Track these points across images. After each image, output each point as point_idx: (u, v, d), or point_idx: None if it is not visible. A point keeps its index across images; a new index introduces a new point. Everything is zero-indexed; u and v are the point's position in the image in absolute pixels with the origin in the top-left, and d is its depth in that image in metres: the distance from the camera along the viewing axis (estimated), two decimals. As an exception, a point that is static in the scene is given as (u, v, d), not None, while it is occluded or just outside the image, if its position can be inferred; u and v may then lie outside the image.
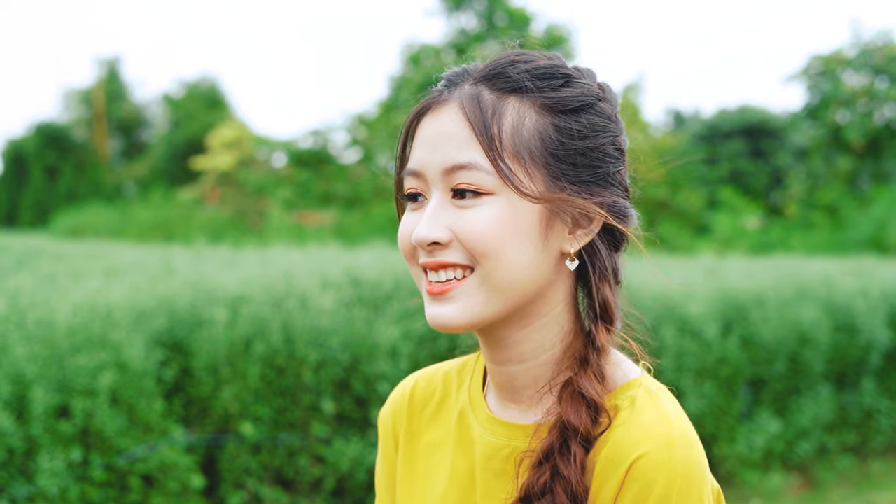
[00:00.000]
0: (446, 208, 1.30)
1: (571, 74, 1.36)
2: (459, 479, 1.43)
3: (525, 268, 1.29)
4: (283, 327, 5.89)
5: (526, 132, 1.30)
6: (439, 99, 1.35)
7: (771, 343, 8.03)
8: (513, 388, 1.40)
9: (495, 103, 1.31)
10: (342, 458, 5.85)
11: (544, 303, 1.35)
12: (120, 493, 5.19)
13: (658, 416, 1.27)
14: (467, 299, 1.30)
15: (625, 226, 1.37)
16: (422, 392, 1.55)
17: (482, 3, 27.00)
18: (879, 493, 8.19)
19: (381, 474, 1.59)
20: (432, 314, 1.33)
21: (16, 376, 4.94)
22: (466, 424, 1.46)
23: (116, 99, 55.79)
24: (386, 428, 1.58)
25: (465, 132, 1.30)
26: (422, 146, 1.34)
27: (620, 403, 1.30)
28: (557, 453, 1.27)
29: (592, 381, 1.30)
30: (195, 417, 5.81)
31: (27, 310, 5.43)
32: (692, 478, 1.23)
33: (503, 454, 1.38)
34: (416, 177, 1.35)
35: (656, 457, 1.22)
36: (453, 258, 1.30)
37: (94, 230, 28.23)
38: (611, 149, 1.36)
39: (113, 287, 6.44)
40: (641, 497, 1.22)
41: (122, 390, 5.28)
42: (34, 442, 4.88)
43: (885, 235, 17.85)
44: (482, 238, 1.27)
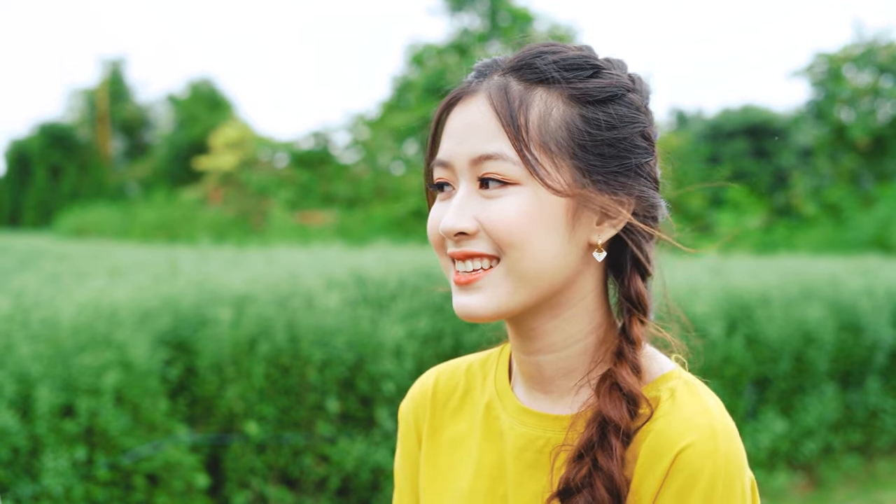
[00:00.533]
0: (473, 198, 1.30)
1: (600, 65, 1.35)
2: (487, 470, 1.43)
3: (551, 258, 1.29)
4: (288, 326, 5.89)
5: (553, 123, 1.29)
6: (468, 90, 1.36)
7: (776, 342, 8.03)
8: (543, 379, 1.40)
9: (522, 94, 1.31)
10: (347, 458, 5.86)
11: (573, 293, 1.35)
12: (124, 492, 5.19)
13: (700, 408, 1.27)
14: (493, 289, 1.30)
15: (654, 217, 1.37)
16: (444, 386, 1.55)
17: (485, 2, 27.03)
18: (885, 492, 8.19)
19: (402, 467, 1.59)
20: (459, 304, 1.33)
21: (20, 375, 4.94)
22: (494, 416, 1.45)
23: (120, 99, 55.88)
24: (407, 422, 1.59)
25: (492, 123, 1.30)
26: (450, 137, 1.34)
27: (660, 395, 1.30)
28: (597, 447, 1.27)
29: (630, 375, 1.30)
30: (200, 417, 5.82)
31: (32, 309, 5.44)
32: (735, 469, 1.24)
33: (537, 445, 1.37)
34: (444, 167, 1.35)
35: (702, 447, 1.23)
36: (479, 248, 1.30)
37: (98, 230, 28.32)
38: (639, 140, 1.35)
39: (117, 286, 6.45)
40: (687, 487, 1.22)
41: (126, 389, 5.28)
42: (39, 441, 4.88)
43: (888, 235, 17.85)
44: (508, 229, 1.27)
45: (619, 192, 1.32)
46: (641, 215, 1.36)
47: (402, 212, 23.04)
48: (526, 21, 26.77)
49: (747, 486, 1.27)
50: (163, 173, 47.99)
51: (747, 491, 1.27)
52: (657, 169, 1.40)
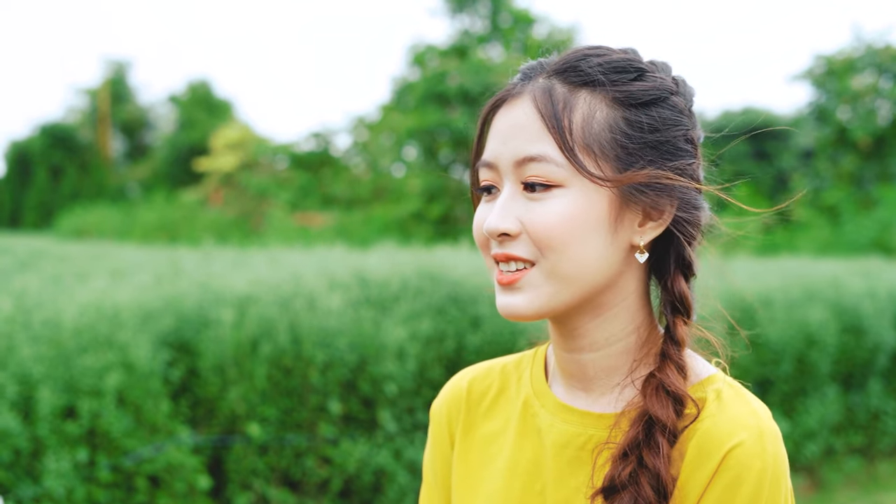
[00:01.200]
0: (517, 200, 1.32)
1: (644, 68, 1.37)
2: (524, 466, 1.44)
3: (593, 260, 1.31)
4: (291, 328, 5.89)
5: (596, 125, 1.31)
6: (514, 91, 1.37)
7: (778, 344, 8.04)
8: (584, 377, 1.42)
9: (566, 96, 1.32)
10: (349, 459, 5.86)
11: (615, 293, 1.37)
12: (126, 494, 5.19)
13: (748, 410, 1.31)
14: (534, 290, 1.31)
15: (697, 219, 1.39)
16: (479, 385, 1.57)
17: (486, 4, 27.05)
18: (887, 494, 8.20)
19: (432, 464, 1.60)
20: (502, 303, 1.35)
21: (22, 377, 4.93)
22: (531, 413, 1.47)
23: (122, 101, 55.94)
24: (440, 422, 1.59)
25: (536, 124, 1.31)
26: (495, 138, 1.36)
27: (706, 396, 1.33)
28: (643, 446, 1.29)
29: (676, 375, 1.33)
30: (202, 418, 5.82)
31: (33, 310, 5.44)
32: (780, 472, 1.28)
33: (578, 442, 1.39)
34: (489, 168, 1.37)
35: (750, 447, 1.26)
36: (519, 252, 1.31)
37: (98, 231, 28.38)
38: (682, 142, 1.38)
39: (119, 287, 6.46)
40: (734, 486, 1.25)
41: (128, 391, 5.28)
42: (40, 442, 4.88)
43: (889, 238, 17.86)
44: (549, 231, 1.29)
45: (662, 194, 1.34)
46: (684, 217, 1.37)
47: (402, 213, 23.08)
48: (527, 22, 26.79)
49: (790, 492, 1.31)
50: (163, 175, 48.06)
51: (790, 498, 1.31)
52: (701, 171, 1.43)
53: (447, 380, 1.64)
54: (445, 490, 1.57)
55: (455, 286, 6.63)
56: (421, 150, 25.13)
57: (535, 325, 6.35)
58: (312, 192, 26.48)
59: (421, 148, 25.03)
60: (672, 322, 1.37)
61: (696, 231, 1.41)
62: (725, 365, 1.43)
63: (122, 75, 57.11)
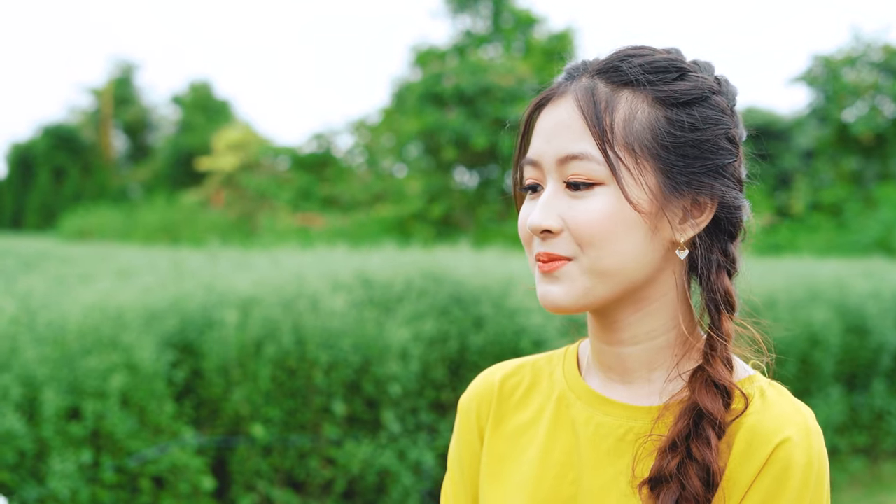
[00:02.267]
0: (560, 198, 1.34)
1: (687, 68, 1.39)
2: (557, 456, 1.46)
3: (634, 257, 1.34)
4: (294, 329, 5.91)
5: (637, 124, 1.34)
6: (558, 91, 1.40)
7: (781, 344, 8.05)
8: (624, 370, 1.44)
9: (609, 96, 1.35)
10: (353, 460, 5.87)
11: (655, 289, 1.39)
12: (131, 495, 5.21)
13: (793, 408, 1.34)
14: (572, 283, 1.34)
15: (738, 217, 1.42)
16: (510, 381, 1.58)
17: (488, 4, 27.08)
18: (890, 494, 8.23)
19: (458, 457, 1.61)
20: (542, 293, 1.37)
21: (27, 378, 4.95)
22: (566, 405, 1.49)
23: (126, 102, 55.99)
24: (469, 416, 1.60)
25: (578, 123, 1.34)
26: (539, 136, 1.39)
27: (751, 392, 1.35)
28: (694, 437, 1.31)
29: (724, 369, 1.35)
30: (206, 419, 5.83)
31: (38, 312, 5.46)
32: (824, 468, 1.31)
33: (618, 433, 1.41)
34: (533, 166, 1.40)
35: (799, 443, 1.29)
36: (560, 250, 1.34)
37: (101, 233, 28.45)
38: (723, 141, 1.40)
39: (123, 289, 6.47)
40: (782, 479, 1.28)
41: (132, 392, 5.30)
42: (45, 444, 4.89)
43: (892, 238, 17.89)
44: (591, 229, 1.31)
45: (702, 192, 1.37)
46: (725, 215, 1.40)
47: (403, 214, 23.12)
48: (528, 23, 26.83)
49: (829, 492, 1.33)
50: (164, 176, 48.13)
51: (829, 497, 1.33)
52: (742, 170, 1.46)
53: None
54: (472, 485, 1.58)
55: (458, 287, 6.65)
56: (422, 150, 25.18)
57: (537, 327, 6.37)
58: (313, 194, 26.54)
59: (422, 148, 25.07)
60: (717, 318, 1.39)
61: (738, 228, 1.44)
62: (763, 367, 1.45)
63: (130, 76, 57.20)
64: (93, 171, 48.96)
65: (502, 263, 7.78)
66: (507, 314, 6.44)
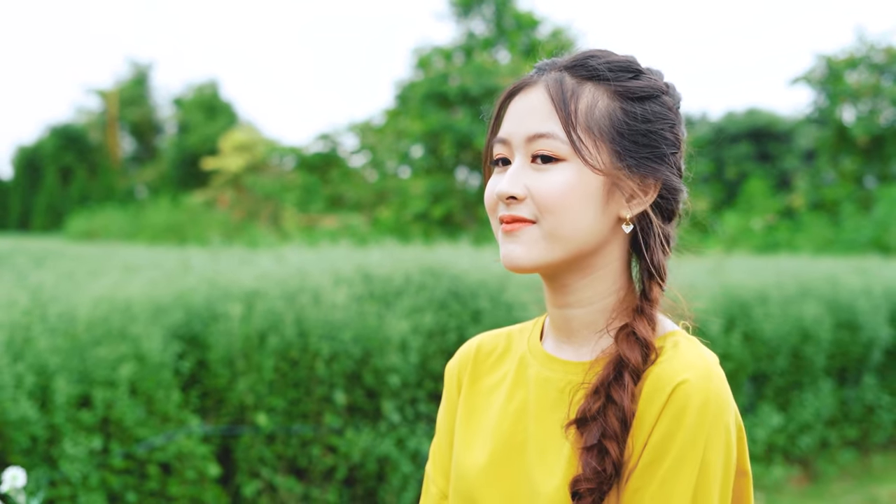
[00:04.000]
0: (526, 170, 1.54)
1: (641, 70, 1.61)
2: (513, 411, 1.66)
3: (585, 226, 1.53)
4: (297, 321, 6.03)
5: (598, 112, 1.54)
6: (529, 82, 1.61)
7: (773, 339, 8.17)
8: (569, 330, 1.64)
9: (574, 86, 1.56)
10: (354, 448, 6.00)
11: (601, 257, 1.59)
12: (139, 480, 5.35)
13: (698, 354, 1.51)
14: (532, 245, 1.53)
15: (676, 200, 1.62)
16: (487, 346, 1.80)
17: (490, 7, 27.10)
18: (880, 486, 8.32)
19: (443, 416, 1.82)
20: (504, 253, 1.56)
21: (39, 367, 5.10)
22: (525, 366, 1.69)
23: (134, 104, 55.91)
24: (451, 377, 1.83)
25: (547, 107, 1.54)
26: (511, 119, 1.60)
27: (665, 345, 1.54)
28: (613, 383, 1.50)
29: (646, 326, 1.54)
30: (211, 408, 5.96)
31: (49, 304, 5.58)
32: (723, 405, 1.46)
33: (558, 386, 1.60)
34: (503, 144, 1.59)
35: (695, 383, 1.45)
36: (523, 213, 1.54)
37: (107, 233, 28.46)
38: (668, 134, 1.60)
39: (130, 283, 6.59)
40: (680, 415, 1.44)
41: (140, 381, 5.44)
42: (57, 430, 5.04)
43: (887, 236, 17.92)
44: (551, 197, 1.51)
45: (648, 175, 1.57)
46: (665, 198, 1.60)
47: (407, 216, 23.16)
48: (531, 25, 26.84)
49: (732, 426, 1.48)
50: (169, 178, 48.12)
51: (732, 430, 1.48)
52: (682, 162, 1.65)
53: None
54: (452, 436, 1.79)
55: (456, 281, 6.78)
56: (425, 151, 25.20)
57: (531, 315, 6.50)
58: (318, 194, 26.57)
59: (425, 149, 25.09)
60: (648, 285, 1.59)
61: (675, 211, 1.64)
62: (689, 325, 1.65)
63: (145, 76, 57.12)
64: (99, 172, 48.93)
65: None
66: (504, 308, 6.57)
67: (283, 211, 27.88)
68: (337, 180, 26.91)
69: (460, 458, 1.71)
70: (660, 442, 1.45)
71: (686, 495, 1.43)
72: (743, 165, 38.68)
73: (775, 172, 37.54)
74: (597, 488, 1.46)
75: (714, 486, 1.44)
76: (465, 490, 1.67)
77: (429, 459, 1.83)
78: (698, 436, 1.43)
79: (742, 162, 38.98)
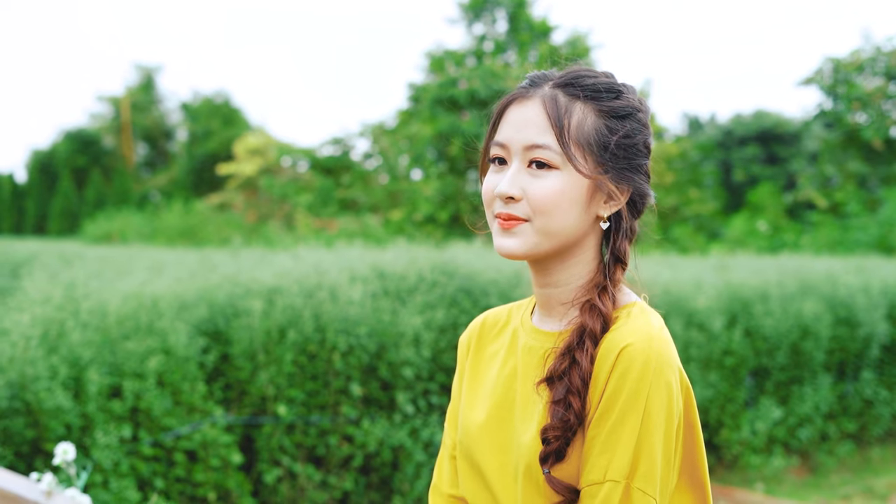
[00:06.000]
0: (522, 174, 1.82)
1: (622, 90, 1.89)
2: (506, 373, 1.96)
3: (571, 223, 1.82)
4: (315, 317, 6.26)
5: (587, 128, 1.82)
6: (525, 94, 1.88)
7: (773, 335, 8.38)
8: (549, 306, 1.92)
9: (567, 104, 1.83)
10: (369, 438, 6.22)
11: (580, 248, 1.87)
12: (166, 467, 5.58)
13: (645, 322, 1.79)
14: (525, 238, 1.82)
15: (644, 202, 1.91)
16: (491, 320, 2.11)
17: (504, 13, 27.14)
18: (878, 478, 8.52)
19: (456, 384, 2.14)
20: (499, 244, 1.84)
21: (73, 359, 5.35)
22: (517, 337, 1.99)
23: (147, 108, 56.05)
24: (463, 347, 2.14)
25: (544, 122, 1.82)
26: (509, 126, 1.86)
27: (621, 315, 1.82)
28: (576, 347, 1.78)
29: (606, 301, 1.82)
30: (234, 400, 6.18)
31: (81, 300, 5.82)
32: (664, 364, 1.73)
33: (539, 353, 1.89)
34: (501, 147, 1.86)
35: (638, 346, 1.72)
36: (518, 212, 1.82)
37: (124, 236, 28.56)
38: (642, 146, 1.87)
39: (156, 281, 6.81)
40: (625, 373, 1.72)
41: (167, 374, 5.69)
42: (89, 419, 5.28)
43: (892, 237, 17.97)
44: (544, 200, 1.79)
45: (624, 181, 1.85)
46: (636, 199, 1.88)
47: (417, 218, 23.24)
48: (544, 32, 26.84)
49: (675, 383, 1.75)
50: (181, 183, 48.20)
51: (675, 386, 1.75)
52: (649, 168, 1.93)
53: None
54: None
55: (467, 280, 7.02)
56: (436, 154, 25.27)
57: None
58: (331, 197, 26.63)
59: (436, 152, 25.17)
60: (613, 267, 1.88)
61: (643, 209, 1.92)
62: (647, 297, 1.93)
63: (151, 81, 57.25)
64: (114, 176, 49.04)
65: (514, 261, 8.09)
66: (512, 305, 6.77)
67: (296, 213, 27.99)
68: (349, 184, 26.99)
69: (465, 416, 2.02)
70: (609, 397, 1.73)
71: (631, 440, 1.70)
72: (751, 168, 38.77)
73: (783, 174, 37.60)
74: (562, 435, 1.75)
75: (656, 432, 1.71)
76: (467, 443, 1.97)
77: (445, 419, 2.13)
78: (640, 390, 1.71)
79: (750, 164, 39.08)
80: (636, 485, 1.70)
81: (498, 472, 1.90)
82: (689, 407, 1.82)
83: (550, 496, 1.78)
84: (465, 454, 1.98)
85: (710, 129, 43.93)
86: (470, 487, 1.97)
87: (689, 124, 47.23)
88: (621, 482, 1.70)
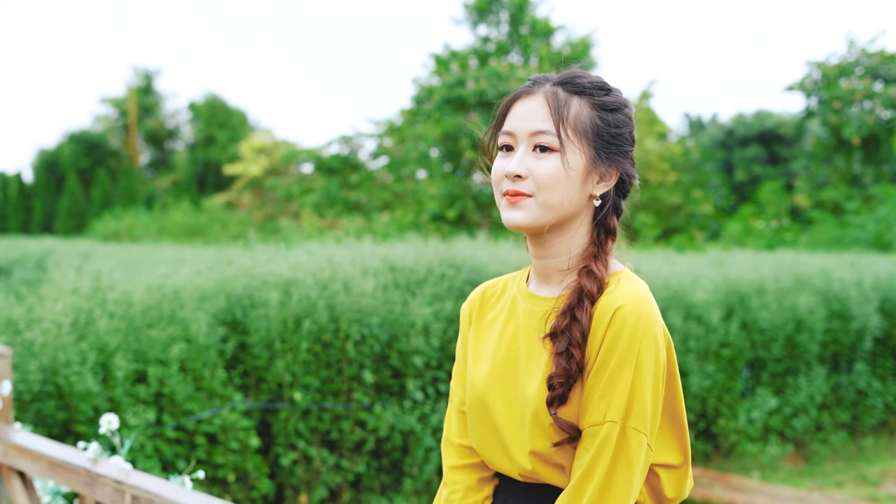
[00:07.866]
0: (528, 157, 2.09)
1: (611, 89, 2.18)
2: (508, 336, 2.22)
3: (569, 199, 2.09)
4: (329, 307, 6.48)
5: (582, 118, 2.10)
6: (529, 91, 2.16)
7: (769, 328, 8.60)
8: (547, 275, 2.19)
9: (566, 98, 2.12)
10: (381, 423, 6.45)
11: (575, 223, 2.14)
12: (188, 450, 5.83)
13: (633, 287, 2.06)
14: (529, 211, 2.08)
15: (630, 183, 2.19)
16: (489, 289, 2.37)
17: (507, 14, 27.31)
18: (870, 466, 8.74)
19: (460, 347, 2.39)
20: (507, 216, 2.09)
21: (101, 346, 5.61)
22: (515, 303, 2.25)
23: (149, 111, 56.17)
24: (464, 315, 2.39)
25: (546, 112, 2.10)
26: (516, 117, 2.14)
27: (611, 281, 2.10)
28: (576, 306, 2.05)
29: (601, 266, 2.10)
30: (252, 386, 6.41)
31: (108, 290, 6.09)
32: (651, 323, 2.01)
33: (539, 316, 2.16)
34: (509, 135, 2.13)
35: (629, 307, 2.00)
36: (523, 188, 2.09)
37: (132, 235, 28.69)
38: (628, 136, 2.15)
39: (176, 273, 7.05)
40: (619, 331, 2.00)
41: (189, 361, 5.94)
42: (116, 403, 5.54)
43: (889, 235, 18.05)
44: (546, 178, 2.06)
45: (613, 165, 2.13)
46: (623, 181, 2.17)
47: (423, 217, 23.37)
48: (547, 33, 27.00)
49: (661, 338, 2.04)
50: (185, 185, 48.27)
51: (660, 340, 2.04)
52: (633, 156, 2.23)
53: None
54: (466, 359, 2.36)
55: (474, 272, 7.26)
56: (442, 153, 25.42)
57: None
58: (338, 199, 26.72)
59: (442, 152, 25.33)
60: (604, 239, 2.17)
61: (629, 189, 2.21)
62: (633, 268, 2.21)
63: (150, 83, 57.38)
64: (120, 176, 49.12)
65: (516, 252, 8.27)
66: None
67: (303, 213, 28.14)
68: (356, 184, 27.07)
69: (471, 373, 2.28)
70: (606, 351, 2.01)
71: (626, 387, 1.99)
72: (752, 167, 38.90)
73: (784, 174, 37.73)
74: (566, 382, 2.03)
75: (647, 379, 2.00)
76: (476, 395, 2.24)
77: (451, 379, 2.39)
78: (633, 345, 1.99)
79: (751, 164, 39.21)
80: (631, 424, 1.99)
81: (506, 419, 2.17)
82: (671, 358, 2.10)
83: (554, 437, 2.06)
84: (474, 406, 2.24)
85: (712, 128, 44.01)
86: (479, 435, 2.24)
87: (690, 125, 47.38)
88: (618, 422, 1.99)
